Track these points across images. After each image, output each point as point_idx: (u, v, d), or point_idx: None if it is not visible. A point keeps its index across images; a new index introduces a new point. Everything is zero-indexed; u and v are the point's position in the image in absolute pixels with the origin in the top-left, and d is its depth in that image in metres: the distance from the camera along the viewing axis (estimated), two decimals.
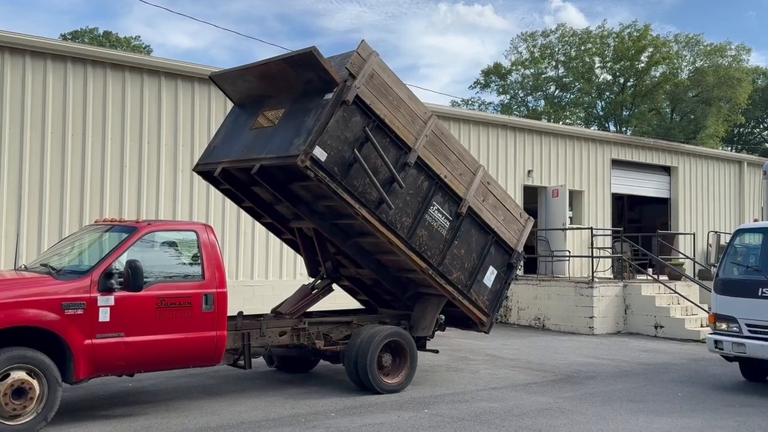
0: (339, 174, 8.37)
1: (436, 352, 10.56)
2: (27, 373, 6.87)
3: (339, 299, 10.78)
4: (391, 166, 8.70)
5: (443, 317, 10.31)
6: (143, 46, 48.21)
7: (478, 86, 52.34)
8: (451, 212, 9.42)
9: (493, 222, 9.86)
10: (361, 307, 11.25)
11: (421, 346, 10.04)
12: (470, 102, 52.06)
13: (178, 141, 14.44)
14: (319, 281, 10.26)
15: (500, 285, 10.08)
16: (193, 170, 10.23)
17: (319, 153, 8.13)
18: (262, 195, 9.76)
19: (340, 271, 10.32)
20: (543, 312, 17.22)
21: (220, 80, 9.88)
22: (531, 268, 20.28)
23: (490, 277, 9.92)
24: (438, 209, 9.28)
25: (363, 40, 8.66)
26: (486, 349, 13.21)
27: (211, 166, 9.49)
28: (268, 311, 10.07)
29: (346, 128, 8.40)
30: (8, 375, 6.78)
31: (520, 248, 10.24)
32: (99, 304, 7.22)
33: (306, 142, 8.10)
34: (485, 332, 10.35)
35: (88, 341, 7.14)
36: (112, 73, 13.90)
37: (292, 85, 8.85)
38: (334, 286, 10.38)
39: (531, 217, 10.57)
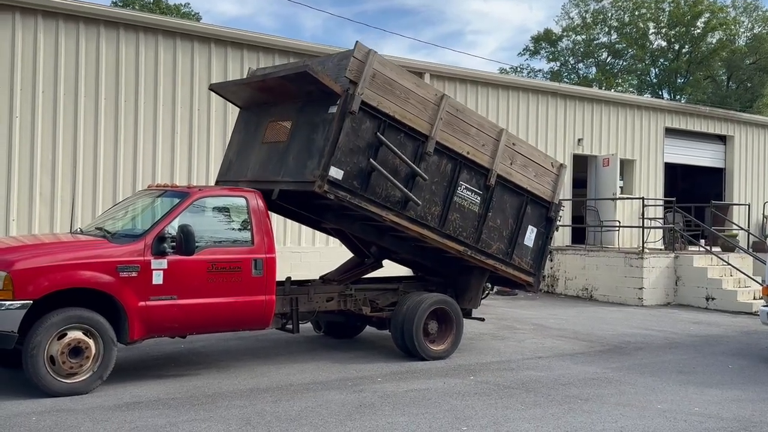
0: (359, 187, 8.21)
1: (482, 320, 10.58)
2: (83, 333, 7.07)
3: (385, 265, 10.81)
4: (411, 163, 8.47)
5: (490, 285, 10.29)
6: (192, 13, 48.41)
7: (528, 53, 51.55)
8: (480, 185, 9.23)
9: (525, 181, 9.66)
10: (407, 273, 11.28)
11: (467, 314, 10.05)
12: (519, 69, 51.33)
13: (227, 107, 14.54)
14: (366, 258, 10.28)
15: (542, 241, 9.95)
16: None
17: (335, 173, 7.94)
18: (286, 205, 9.49)
19: (386, 254, 10.26)
20: (591, 282, 17.06)
21: (220, 90, 9.82)
22: (579, 238, 20.03)
23: (530, 236, 9.80)
24: (466, 187, 9.09)
25: (357, 42, 8.26)
26: (532, 319, 13.16)
27: (230, 184, 9.40)
28: (316, 277, 10.16)
29: (357, 138, 8.15)
30: (65, 334, 6.99)
31: (558, 199, 10.03)
32: (152, 267, 7.37)
33: (320, 166, 7.88)
34: (534, 292, 10.34)
35: (142, 303, 7.31)
36: (163, 40, 14.04)
37: (293, 96, 8.63)
38: (383, 261, 10.38)
39: (563, 164, 10.31)
